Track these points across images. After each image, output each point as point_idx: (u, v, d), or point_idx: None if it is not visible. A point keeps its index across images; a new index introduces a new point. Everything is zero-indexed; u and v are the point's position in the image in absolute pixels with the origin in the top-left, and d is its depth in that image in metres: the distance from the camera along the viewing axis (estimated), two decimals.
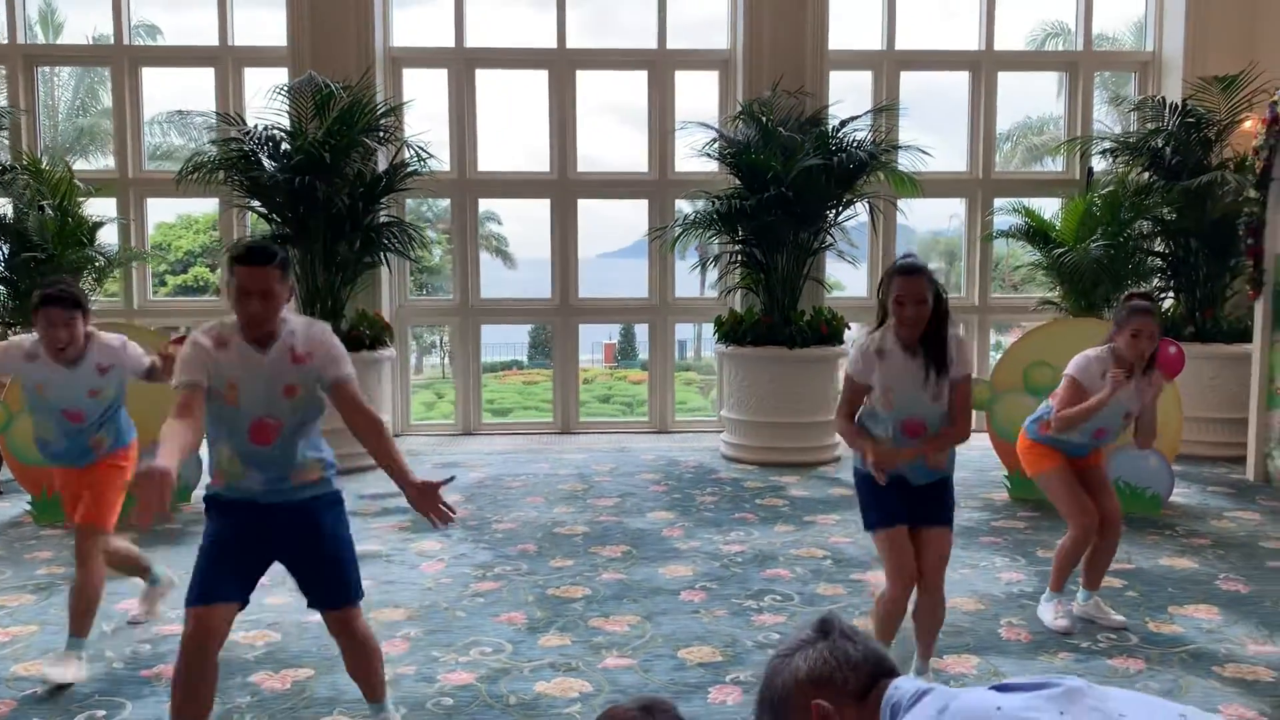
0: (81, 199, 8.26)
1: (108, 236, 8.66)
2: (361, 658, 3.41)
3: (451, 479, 3.31)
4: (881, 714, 1.60)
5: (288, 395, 3.22)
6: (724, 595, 4.96)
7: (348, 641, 3.38)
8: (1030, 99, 12.26)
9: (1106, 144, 8.91)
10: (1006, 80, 9.65)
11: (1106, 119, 9.93)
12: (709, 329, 8.78)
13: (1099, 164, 9.15)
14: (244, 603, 3.21)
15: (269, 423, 3.20)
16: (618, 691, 3.84)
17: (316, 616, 4.61)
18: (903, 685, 1.63)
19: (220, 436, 3.24)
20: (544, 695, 3.83)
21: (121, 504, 4.29)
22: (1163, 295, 8.65)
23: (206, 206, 15.33)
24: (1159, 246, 8.77)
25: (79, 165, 9.14)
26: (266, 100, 7.93)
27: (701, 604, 4.84)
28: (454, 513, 3.21)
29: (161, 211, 10.87)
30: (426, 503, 3.14)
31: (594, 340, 21.60)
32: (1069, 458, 4.55)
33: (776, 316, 8.15)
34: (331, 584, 3.31)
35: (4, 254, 7.96)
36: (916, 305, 3.61)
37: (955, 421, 3.75)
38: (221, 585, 3.14)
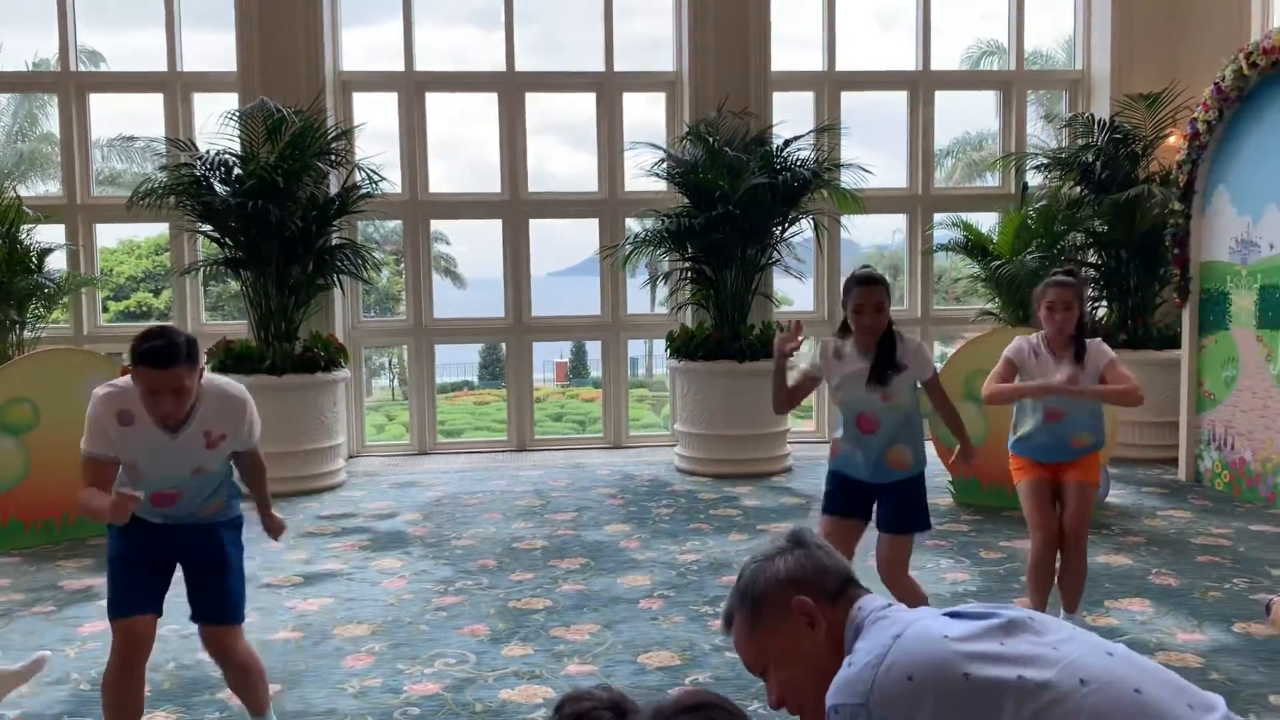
0: (29, 225, 8.21)
1: (56, 263, 8.60)
2: (241, 678, 3.49)
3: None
4: (847, 629, 1.78)
5: (195, 474, 3.26)
6: (681, 602, 5.10)
7: (225, 662, 3.44)
8: (969, 115, 12.62)
9: (1040, 159, 9.22)
10: (946, 96, 9.95)
11: (1041, 134, 10.28)
12: (660, 345, 8.93)
13: (1033, 179, 9.46)
14: (160, 612, 3.31)
15: (169, 493, 3.26)
16: None
17: (282, 634, 4.72)
18: (865, 605, 1.81)
19: (126, 482, 3.26)
20: (509, 702, 3.94)
21: None
22: (1096, 304, 8.97)
23: (150, 231, 15.18)
24: (1091, 258, 9.10)
25: (20, 191, 9.03)
26: (218, 125, 7.97)
27: (659, 611, 4.97)
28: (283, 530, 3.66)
29: (105, 237, 10.76)
30: (271, 528, 3.60)
31: (544, 359, 21.68)
32: (1053, 465, 4.38)
33: (726, 331, 8.33)
34: (217, 598, 3.38)
35: None
36: (875, 312, 3.90)
37: (949, 417, 4.16)
38: (142, 597, 3.24)
